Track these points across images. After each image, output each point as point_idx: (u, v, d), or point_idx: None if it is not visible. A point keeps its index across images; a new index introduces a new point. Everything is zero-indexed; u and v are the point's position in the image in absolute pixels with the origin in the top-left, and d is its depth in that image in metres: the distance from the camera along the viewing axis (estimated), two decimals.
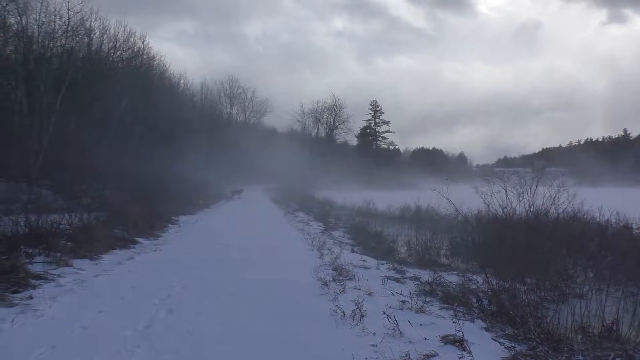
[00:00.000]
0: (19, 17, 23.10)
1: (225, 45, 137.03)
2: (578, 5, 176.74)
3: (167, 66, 36.70)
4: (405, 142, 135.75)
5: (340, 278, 8.40)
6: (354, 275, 8.59)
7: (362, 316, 6.01)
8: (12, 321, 5.49)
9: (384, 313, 5.82)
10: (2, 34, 23.49)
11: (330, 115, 79.69)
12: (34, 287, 7.26)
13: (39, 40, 24.48)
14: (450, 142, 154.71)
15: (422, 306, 6.65)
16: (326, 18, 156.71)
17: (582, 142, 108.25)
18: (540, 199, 11.95)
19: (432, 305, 6.87)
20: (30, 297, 6.67)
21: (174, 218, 19.22)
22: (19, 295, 6.78)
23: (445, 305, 6.88)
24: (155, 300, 6.73)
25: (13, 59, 23.87)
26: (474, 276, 9.44)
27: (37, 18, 23.74)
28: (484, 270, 10.06)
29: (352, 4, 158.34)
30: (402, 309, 6.52)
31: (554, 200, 11.86)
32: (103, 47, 28.80)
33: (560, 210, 12.24)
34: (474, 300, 7.22)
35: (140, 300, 6.77)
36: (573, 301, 6.92)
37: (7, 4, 22.42)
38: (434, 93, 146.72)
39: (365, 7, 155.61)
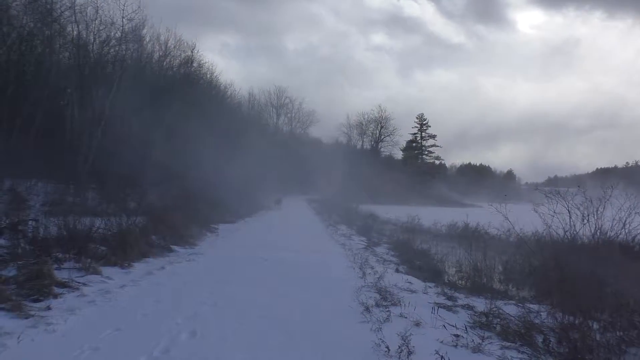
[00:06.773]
0: (75, 24, 23.64)
1: (266, 58, 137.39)
2: (621, 23, 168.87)
3: (214, 75, 36.86)
4: (446, 157, 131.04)
5: (384, 303, 7.57)
6: (400, 301, 7.75)
7: (409, 352, 5.18)
8: (19, 337, 4.98)
9: (437, 353, 4.97)
10: (59, 41, 24.08)
11: (376, 127, 78.66)
12: (56, 296, 6.84)
13: (94, 47, 24.98)
14: (492, 158, 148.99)
15: (479, 344, 5.74)
16: (365, 33, 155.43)
17: (639, 163, 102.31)
18: (607, 223, 10.82)
19: (491, 342, 5.92)
20: (48, 308, 6.22)
21: (213, 226, 18.84)
22: (37, 304, 6.35)
23: (506, 344, 5.92)
24: (179, 320, 6.12)
25: (68, 65, 24.43)
26: (534, 306, 8.38)
27: (93, 25, 24.24)
28: (545, 300, 9.02)
29: (390, 20, 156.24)
30: (455, 346, 5.65)
31: (624, 225, 10.73)
32: (154, 54, 29.22)
33: (631, 237, 11.06)
34: (539, 339, 6.23)
35: (163, 318, 6.17)
36: None
37: (62, 11, 22.97)
38: (474, 108, 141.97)
39: (403, 23, 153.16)
